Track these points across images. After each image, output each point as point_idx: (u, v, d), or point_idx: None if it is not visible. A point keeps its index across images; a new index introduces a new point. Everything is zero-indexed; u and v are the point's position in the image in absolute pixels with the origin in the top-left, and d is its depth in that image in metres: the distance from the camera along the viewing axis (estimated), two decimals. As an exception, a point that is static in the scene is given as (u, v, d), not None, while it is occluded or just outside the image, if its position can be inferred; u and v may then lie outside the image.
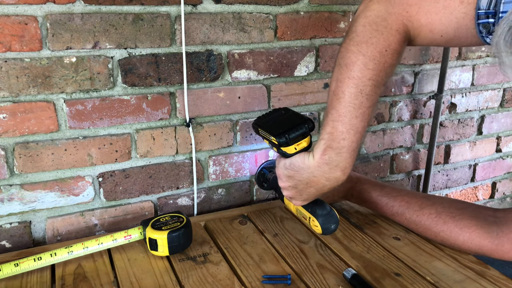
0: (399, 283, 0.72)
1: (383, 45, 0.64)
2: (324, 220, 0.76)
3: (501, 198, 1.52)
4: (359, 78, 0.65)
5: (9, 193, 0.85)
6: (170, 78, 0.92)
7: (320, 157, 0.68)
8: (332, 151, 0.67)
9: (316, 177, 0.70)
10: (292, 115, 0.78)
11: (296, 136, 0.72)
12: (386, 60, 0.65)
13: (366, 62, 0.65)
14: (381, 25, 0.65)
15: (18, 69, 0.80)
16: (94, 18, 0.83)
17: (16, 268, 0.72)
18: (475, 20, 0.60)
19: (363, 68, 0.65)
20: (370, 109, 0.67)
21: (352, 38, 0.67)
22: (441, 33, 0.64)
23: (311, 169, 0.70)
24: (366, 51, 0.65)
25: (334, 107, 0.67)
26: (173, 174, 0.98)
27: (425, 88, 1.25)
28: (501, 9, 0.57)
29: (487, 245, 0.75)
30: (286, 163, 0.74)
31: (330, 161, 0.68)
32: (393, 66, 0.67)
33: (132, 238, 0.81)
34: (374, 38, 0.65)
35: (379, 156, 1.24)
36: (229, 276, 0.74)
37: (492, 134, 1.41)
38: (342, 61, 0.67)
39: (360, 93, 0.65)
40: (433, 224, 0.80)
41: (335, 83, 0.68)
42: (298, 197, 0.76)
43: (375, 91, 0.66)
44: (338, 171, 0.69)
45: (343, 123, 0.66)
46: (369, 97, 0.66)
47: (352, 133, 0.67)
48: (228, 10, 0.94)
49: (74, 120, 0.86)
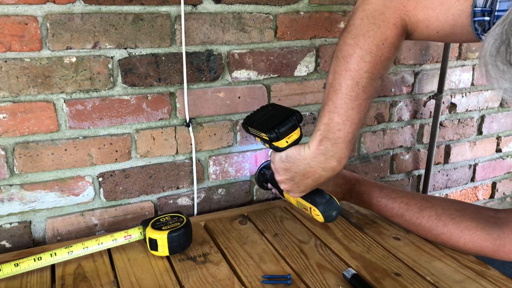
0: (399, 283, 0.72)
1: (380, 39, 0.65)
2: (325, 208, 0.77)
3: (501, 198, 1.52)
4: (355, 71, 0.66)
5: (9, 193, 0.85)
6: (170, 78, 0.92)
7: (316, 147, 0.70)
8: (328, 141, 0.69)
9: (313, 168, 0.71)
10: (280, 110, 0.80)
11: (285, 129, 0.74)
12: (383, 53, 0.66)
13: (363, 55, 0.65)
14: (378, 18, 0.65)
15: (18, 69, 0.80)
16: (94, 18, 0.83)
17: (16, 268, 0.72)
18: (471, 18, 0.61)
19: (359, 61, 0.66)
20: (366, 101, 0.68)
21: (349, 31, 0.67)
22: (437, 29, 0.65)
23: (307, 160, 0.71)
24: (363, 44, 0.65)
25: (331, 98, 0.68)
26: (173, 174, 0.98)
27: (425, 88, 1.25)
28: (497, 8, 0.57)
29: (488, 246, 0.74)
30: (282, 156, 0.75)
31: (326, 151, 0.69)
32: (390, 59, 0.67)
33: (132, 238, 0.81)
34: (371, 31, 0.65)
35: (379, 156, 1.24)
36: (229, 276, 0.74)
37: (492, 134, 1.41)
38: (339, 54, 0.68)
39: (356, 85, 0.66)
40: (433, 226, 0.80)
41: (332, 75, 0.69)
42: (295, 189, 0.77)
43: (371, 83, 0.67)
44: (334, 161, 0.70)
45: (339, 114, 0.67)
46: (365, 89, 0.67)
47: (348, 124, 0.68)
48: (228, 10, 0.94)
49: (74, 120, 0.86)
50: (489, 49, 0.49)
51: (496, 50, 0.48)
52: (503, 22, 0.49)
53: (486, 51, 0.49)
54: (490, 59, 0.49)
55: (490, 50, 0.49)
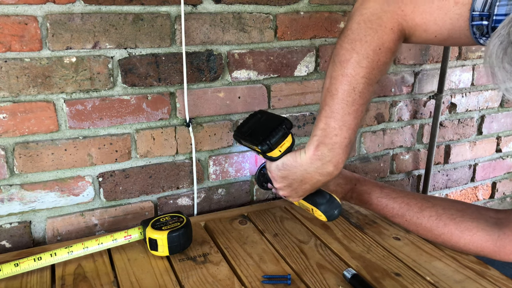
0: (399, 283, 0.72)
1: (377, 44, 0.65)
2: (326, 208, 0.78)
3: (501, 198, 1.52)
4: (352, 76, 0.66)
5: (9, 193, 0.85)
6: (170, 78, 0.92)
7: (313, 153, 0.70)
8: (324, 146, 0.69)
9: (310, 174, 0.72)
10: (269, 118, 0.79)
11: (277, 139, 0.74)
12: (380, 58, 0.65)
13: (360, 60, 0.65)
14: (375, 23, 0.65)
15: (18, 69, 0.80)
16: (94, 18, 0.83)
17: (16, 268, 0.72)
18: (469, 22, 0.60)
19: (356, 66, 0.65)
20: (363, 106, 0.68)
21: (346, 36, 0.67)
22: (435, 33, 0.65)
23: (304, 166, 0.71)
24: (360, 49, 0.65)
25: (327, 103, 0.68)
26: (173, 174, 0.98)
27: (425, 88, 1.25)
28: (496, 12, 0.57)
29: (488, 247, 0.74)
30: (278, 165, 0.75)
31: (323, 157, 0.69)
32: (387, 64, 0.67)
33: (132, 238, 0.81)
34: (368, 36, 0.65)
35: (379, 156, 1.24)
36: (229, 276, 0.74)
37: (492, 134, 1.41)
38: (336, 58, 0.68)
39: (353, 90, 0.66)
40: (434, 226, 0.80)
41: (329, 80, 0.69)
42: (294, 195, 0.78)
43: (368, 88, 0.67)
44: (331, 166, 0.70)
45: (336, 119, 0.67)
46: (362, 95, 0.67)
47: (344, 129, 0.68)
48: (228, 10, 0.94)
49: (74, 120, 0.86)
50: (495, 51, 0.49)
51: (502, 51, 0.48)
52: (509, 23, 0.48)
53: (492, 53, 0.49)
54: (497, 61, 0.49)
55: (496, 52, 0.49)
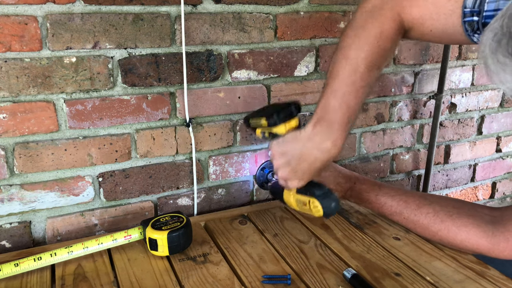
0: (399, 283, 0.72)
1: (378, 30, 0.69)
2: (324, 199, 0.76)
3: (501, 198, 1.52)
4: (353, 58, 0.69)
5: (9, 193, 0.85)
6: (170, 78, 0.92)
7: (312, 128, 0.72)
8: (324, 122, 0.71)
9: (308, 149, 0.73)
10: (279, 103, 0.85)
11: (284, 115, 0.77)
12: (380, 43, 0.69)
13: (361, 44, 0.69)
14: (377, 12, 0.70)
15: (18, 69, 0.80)
16: (94, 18, 0.83)
17: (16, 268, 0.72)
18: (461, 18, 0.63)
19: (358, 49, 0.69)
20: (364, 88, 0.70)
21: (350, 25, 0.72)
22: (430, 27, 0.68)
23: (303, 141, 0.73)
24: (362, 34, 0.70)
25: (329, 84, 0.71)
26: (173, 174, 0.98)
27: (425, 88, 1.25)
28: (485, 8, 0.60)
29: (483, 243, 0.75)
30: (279, 141, 0.77)
31: (322, 132, 0.71)
32: (388, 51, 0.71)
33: (132, 238, 0.81)
34: (369, 23, 0.70)
35: (379, 156, 1.24)
36: (229, 276, 0.74)
37: (492, 134, 1.41)
38: (340, 45, 0.72)
39: (354, 71, 0.69)
40: (431, 223, 0.81)
41: (332, 65, 0.72)
42: (292, 175, 0.76)
43: (369, 72, 0.70)
44: (328, 143, 0.71)
45: (336, 97, 0.70)
46: (363, 77, 0.69)
47: (344, 107, 0.70)
48: (228, 10, 0.94)
49: (74, 120, 0.86)
50: (488, 44, 0.50)
51: (496, 43, 0.49)
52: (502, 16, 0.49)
53: (485, 45, 0.50)
54: (490, 54, 0.49)
55: (490, 45, 0.49)
